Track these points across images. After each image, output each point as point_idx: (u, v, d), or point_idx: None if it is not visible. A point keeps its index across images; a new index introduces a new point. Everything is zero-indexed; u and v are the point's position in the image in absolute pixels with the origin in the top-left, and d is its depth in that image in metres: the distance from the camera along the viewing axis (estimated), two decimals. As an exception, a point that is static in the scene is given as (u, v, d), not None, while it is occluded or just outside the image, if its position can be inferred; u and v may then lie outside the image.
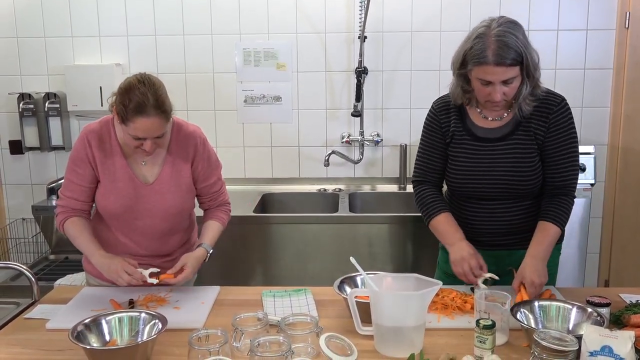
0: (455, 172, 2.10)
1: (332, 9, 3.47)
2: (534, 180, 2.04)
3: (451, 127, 2.10)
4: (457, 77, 2.02)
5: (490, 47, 1.85)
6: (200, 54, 3.55)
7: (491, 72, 1.87)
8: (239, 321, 1.61)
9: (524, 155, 2.02)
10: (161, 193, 2.08)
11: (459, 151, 2.09)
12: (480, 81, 1.92)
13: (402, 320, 1.57)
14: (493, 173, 2.04)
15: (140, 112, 1.87)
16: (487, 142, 2.05)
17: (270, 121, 3.61)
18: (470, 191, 2.09)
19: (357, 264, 1.73)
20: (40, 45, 3.57)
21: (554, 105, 2.02)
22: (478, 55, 1.87)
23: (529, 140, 2.03)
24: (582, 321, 1.67)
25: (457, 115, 2.10)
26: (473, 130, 2.07)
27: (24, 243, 3.65)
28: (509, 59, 1.85)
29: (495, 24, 1.89)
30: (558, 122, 2.02)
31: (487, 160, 2.04)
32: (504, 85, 1.90)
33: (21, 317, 1.90)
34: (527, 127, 2.02)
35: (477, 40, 1.89)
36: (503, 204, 2.08)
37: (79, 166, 2.06)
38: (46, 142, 3.58)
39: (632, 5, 3.36)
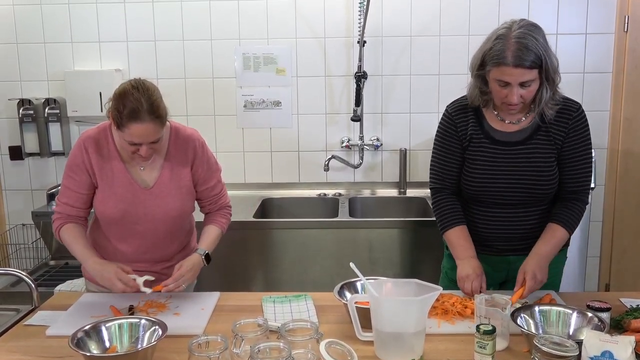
0: (473, 176, 2.07)
1: (331, 13, 3.48)
2: (551, 185, 2.04)
3: (469, 130, 2.08)
4: (475, 78, 2.01)
5: (510, 49, 1.85)
6: (200, 59, 3.56)
7: (509, 73, 1.87)
8: (239, 327, 1.61)
9: (543, 159, 2.01)
10: (161, 197, 2.08)
11: (477, 155, 2.06)
12: (498, 82, 1.91)
13: (403, 326, 1.57)
14: (512, 177, 2.03)
15: (135, 117, 1.87)
16: (506, 145, 2.04)
17: (270, 126, 3.62)
18: (486, 196, 2.07)
19: (356, 269, 1.73)
20: (40, 51, 3.58)
21: (573, 111, 2.03)
22: (497, 55, 1.87)
23: (548, 145, 2.02)
24: (583, 326, 1.67)
25: (474, 118, 2.08)
26: (491, 134, 2.06)
27: (24, 249, 3.65)
28: (527, 61, 1.85)
29: (516, 26, 1.89)
30: (577, 127, 2.03)
31: (505, 164, 2.03)
32: (522, 88, 1.90)
33: (21, 324, 1.90)
34: (547, 132, 2.02)
35: (497, 41, 1.88)
36: (518, 209, 2.06)
37: (76, 173, 2.06)
38: (46, 148, 3.59)
39: (631, 9, 3.37)
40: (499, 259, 2.12)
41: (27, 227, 3.65)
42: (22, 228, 3.69)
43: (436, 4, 3.45)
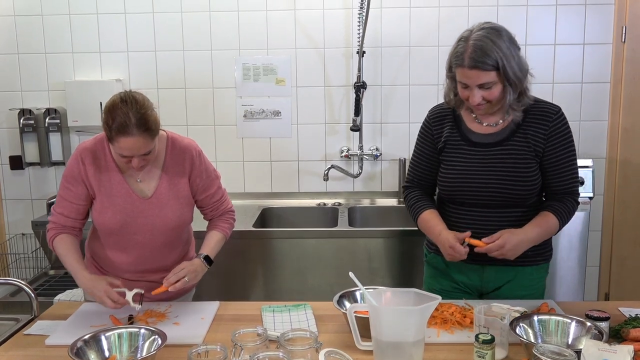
0: (449, 176, 2.09)
1: (330, 24, 3.50)
2: (528, 188, 2.04)
3: (444, 134, 2.11)
4: (449, 79, 2.07)
5: (467, 51, 1.90)
6: (200, 69, 3.58)
7: (467, 75, 1.92)
8: (239, 337, 1.61)
9: (519, 161, 2.02)
10: (159, 207, 2.09)
11: (453, 156, 2.09)
12: (460, 84, 1.97)
13: (402, 336, 1.57)
14: (487, 178, 2.03)
15: (123, 132, 1.87)
16: (482, 147, 2.05)
17: (269, 136, 3.63)
18: (463, 196, 2.08)
19: (355, 279, 1.73)
20: (40, 61, 3.60)
21: (553, 114, 2.04)
22: (457, 57, 1.93)
23: (525, 146, 2.03)
24: (582, 335, 1.67)
25: (452, 121, 2.11)
26: (468, 136, 2.08)
27: (23, 258, 3.65)
28: (483, 63, 1.88)
29: (477, 28, 1.94)
30: (557, 131, 2.03)
31: (481, 164, 2.04)
32: (483, 90, 1.93)
33: (20, 333, 1.90)
34: (525, 134, 2.03)
35: (459, 43, 1.95)
36: (495, 211, 2.06)
37: (72, 184, 2.06)
38: (46, 158, 3.60)
39: (629, 20, 3.39)
40: (475, 267, 2.11)
41: (27, 236, 3.66)
42: (21, 237, 3.69)
43: (435, 15, 3.47)
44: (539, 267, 2.14)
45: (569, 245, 3.13)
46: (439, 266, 2.20)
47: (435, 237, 2.08)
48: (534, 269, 2.13)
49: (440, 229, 2.06)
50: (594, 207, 3.39)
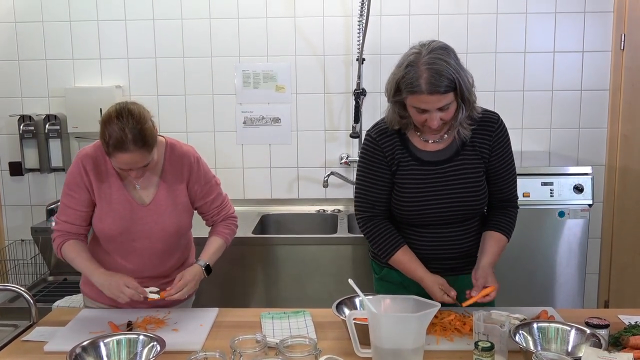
0: (404, 199, 2.03)
1: (330, 31, 3.51)
2: (482, 199, 2.04)
3: (396, 153, 2.03)
4: (393, 104, 1.97)
5: (423, 76, 1.81)
6: (200, 76, 3.58)
7: (425, 101, 1.84)
8: (238, 343, 1.61)
9: (472, 174, 2.01)
10: (158, 214, 2.09)
11: (406, 178, 2.02)
12: (416, 109, 1.88)
13: (401, 343, 1.56)
14: (444, 196, 2.01)
15: (120, 148, 1.87)
16: (434, 165, 2.02)
17: (269, 142, 3.63)
18: (420, 217, 2.04)
19: (355, 285, 1.73)
20: (41, 67, 3.60)
21: (494, 123, 2.03)
22: (411, 84, 1.83)
23: (475, 158, 2.02)
24: (581, 343, 1.67)
25: (399, 141, 2.03)
26: (418, 155, 2.02)
27: (22, 264, 3.64)
28: (442, 87, 1.81)
29: (425, 51, 1.85)
30: (500, 139, 2.04)
31: (436, 183, 2.01)
32: (440, 112, 1.87)
33: (19, 340, 1.89)
34: (472, 146, 2.02)
35: (408, 68, 1.84)
36: (450, 228, 2.05)
37: (75, 191, 2.06)
38: (46, 164, 3.60)
39: (628, 27, 3.40)
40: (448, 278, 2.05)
41: (26, 242, 3.65)
42: (21, 244, 3.69)
43: (434, 22, 3.48)
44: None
45: (568, 253, 3.13)
46: (394, 280, 2.14)
47: (420, 279, 2.02)
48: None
49: (421, 275, 2.01)
50: (593, 215, 3.38)
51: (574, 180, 3.12)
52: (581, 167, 3.20)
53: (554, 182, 3.09)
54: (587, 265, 3.34)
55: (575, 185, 3.11)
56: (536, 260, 3.10)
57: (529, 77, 3.53)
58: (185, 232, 2.21)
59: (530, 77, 3.53)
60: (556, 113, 3.55)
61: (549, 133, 3.57)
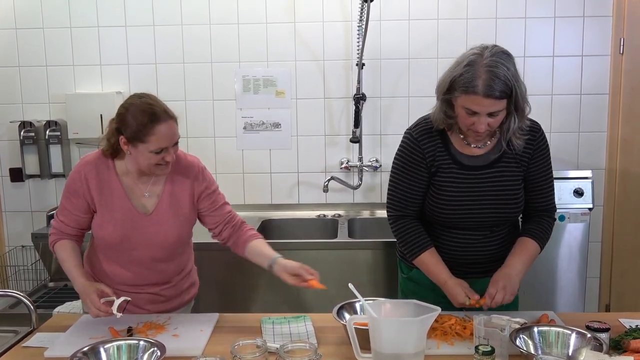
0: (442, 202, 2.03)
1: (330, 36, 3.52)
2: (518, 207, 2.04)
3: (436, 156, 2.02)
4: (442, 102, 1.95)
5: (481, 77, 1.79)
6: (200, 81, 3.59)
7: (479, 103, 1.82)
8: (238, 348, 1.61)
9: (511, 181, 2.01)
10: (159, 224, 2.08)
11: (446, 181, 2.02)
12: (466, 110, 1.86)
13: (402, 347, 1.56)
14: (481, 201, 2.01)
15: (157, 120, 1.91)
16: (474, 170, 2.01)
17: (269, 147, 3.63)
18: (455, 220, 2.04)
19: (355, 290, 1.73)
20: (41, 73, 3.61)
21: (536, 132, 2.04)
22: (467, 83, 1.81)
23: (515, 167, 2.02)
24: (582, 346, 1.66)
25: (441, 142, 2.02)
26: (459, 158, 2.02)
27: (23, 270, 3.64)
28: (498, 91, 1.79)
29: (487, 53, 1.82)
30: (541, 148, 2.04)
31: (474, 188, 2.01)
32: (489, 117, 1.85)
33: (19, 346, 1.89)
34: (514, 153, 2.02)
35: (467, 67, 1.82)
36: (485, 232, 2.06)
37: (73, 196, 2.08)
38: (46, 170, 3.60)
39: (627, 31, 3.41)
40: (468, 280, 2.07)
41: (27, 248, 3.65)
42: (21, 250, 3.69)
43: (434, 27, 3.49)
44: None
45: (569, 257, 3.13)
46: (421, 280, 2.14)
47: (440, 284, 2.04)
48: None
49: (446, 278, 2.02)
50: (593, 218, 3.39)
51: (574, 184, 3.13)
52: (581, 171, 3.21)
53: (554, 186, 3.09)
54: (588, 269, 3.34)
55: (575, 189, 3.12)
56: (537, 264, 3.07)
57: (529, 81, 3.45)
58: (185, 242, 2.21)
59: (529, 81, 3.47)
60: (556, 117, 3.55)
61: (548, 137, 3.47)
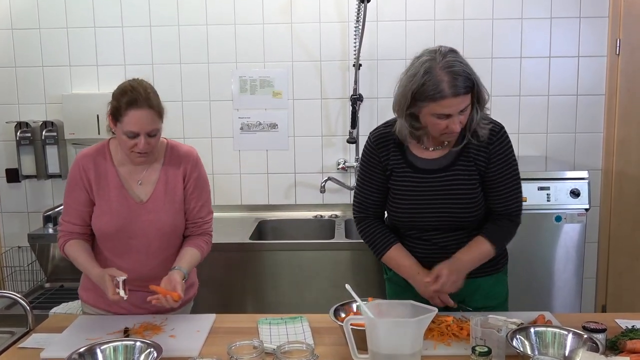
0: (397, 205, 2.06)
1: (327, 37, 3.52)
2: (476, 210, 2.03)
3: (391, 160, 2.05)
4: (406, 117, 1.95)
5: (444, 80, 1.81)
6: (197, 82, 3.59)
7: (449, 105, 1.83)
8: (235, 349, 1.61)
9: (465, 185, 2.00)
10: (155, 212, 2.11)
11: (400, 184, 2.04)
12: (437, 116, 1.87)
13: (399, 348, 1.56)
14: (435, 205, 2.01)
15: (133, 104, 1.97)
16: (428, 173, 2.02)
17: (266, 148, 3.63)
18: (412, 223, 2.06)
19: (352, 291, 1.73)
20: (38, 74, 3.61)
21: (494, 135, 2.01)
22: (433, 90, 1.82)
23: (470, 169, 2.01)
24: (578, 347, 1.67)
25: (396, 147, 2.05)
26: (413, 162, 2.03)
27: (19, 271, 3.64)
28: (463, 88, 1.82)
29: (439, 56, 1.85)
30: (498, 151, 2.01)
31: (428, 192, 2.02)
32: (460, 114, 1.87)
33: (15, 347, 1.89)
34: (468, 157, 2.01)
35: (426, 76, 1.83)
36: (445, 235, 2.06)
37: (75, 190, 2.10)
38: (43, 170, 3.59)
39: (623, 32, 3.42)
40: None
41: (23, 249, 3.65)
42: (17, 250, 3.68)
43: (430, 28, 3.49)
44: (498, 276, 2.16)
45: (565, 257, 3.13)
46: (401, 283, 2.15)
47: (409, 277, 2.05)
48: (493, 278, 2.14)
49: (413, 273, 2.03)
50: (590, 219, 3.39)
51: (571, 185, 3.13)
52: (578, 171, 3.21)
53: (551, 186, 3.10)
54: (584, 270, 3.34)
55: (571, 190, 3.12)
56: (533, 265, 3.11)
57: (525, 82, 3.54)
58: (181, 232, 2.21)
59: (526, 82, 3.54)
60: (552, 118, 3.56)
61: (545, 138, 3.58)
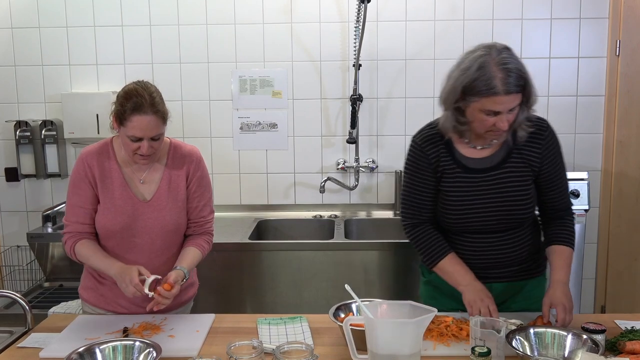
0: (449, 207, 2.03)
1: (327, 37, 3.52)
2: (530, 208, 2.02)
3: (440, 161, 2.02)
4: (452, 111, 1.94)
5: (497, 77, 1.79)
6: (197, 82, 3.59)
7: (500, 102, 1.81)
8: (234, 349, 1.61)
9: (519, 182, 1.99)
10: (158, 210, 2.11)
11: (451, 185, 2.01)
12: (486, 112, 1.84)
13: (398, 348, 1.56)
14: (489, 204, 1.99)
15: (137, 110, 1.96)
16: (479, 172, 2.00)
17: (266, 148, 3.63)
18: (464, 226, 2.03)
19: (351, 291, 1.73)
20: (37, 73, 3.60)
21: (544, 130, 2.01)
22: (486, 86, 1.80)
23: (523, 166, 2.00)
24: (578, 348, 1.67)
25: (444, 147, 2.03)
26: (463, 162, 2.01)
27: (18, 271, 3.63)
28: (515, 86, 1.80)
29: (494, 52, 1.82)
30: (551, 146, 2.01)
31: (481, 191, 1.99)
32: (509, 113, 1.85)
33: (14, 346, 1.88)
34: (520, 154, 2.00)
35: (480, 70, 1.81)
36: (497, 236, 2.03)
37: (80, 187, 2.09)
38: (42, 170, 3.59)
39: (623, 33, 3.42)
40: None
41: (22, 248, 3.64)
42: (16, 250, 3.68)
43: (430, 28, 3.49)
44: (539, 279, 2.14)
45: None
46: (441, 286, 2.11)
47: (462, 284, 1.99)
48: (535, 280, 2.13)
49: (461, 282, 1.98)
50: (589, 220, 3.39)
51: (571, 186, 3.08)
52: (577, 172, 3.21)
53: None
54: (584, 270, 3.35)
55: (571, 191, 3.11)
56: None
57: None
58: (184, 231, 2.21)
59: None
60: (552, 118, 3.48)
61: None
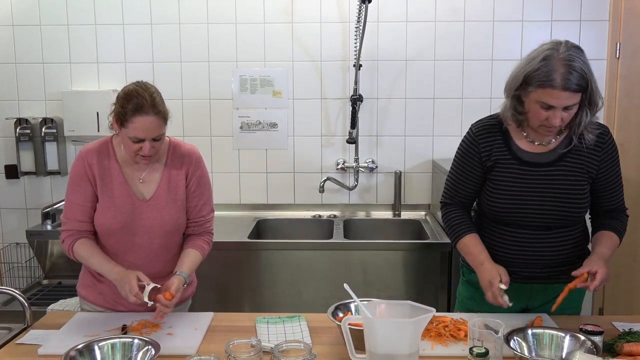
0: (499, 196, 2.02)
1: (327, 37, 3.52)
2: (580, 209, 2.01)
3: (493, 151, 2.02)
4: (512, 98, 1.95)
5: (558, 71, 1.79)
6: (197, 81, 3.59)
7: (556, 97, 1.81)
8: (232, 348, 1.61)
9: (573, 182, 1.98)
10: (157, 209, 2.10)
11: (504, 175, 2.01)
12: (541, 104, 1.85)
13: (396, 348, 1.56)
14: (540, 199, 1.98)
15: (139, 111, 1.95)
16: (534, 166, 1.99)
17: (265, 147, 3.64)
18: (511, 217, 2.02)
19: (350, 290, 1.73)
20: (38, 71, 3.61)
21: (605, 135, 2.02)
22: (544, 77, 1.81)
23: (579, 168, 1.99)
24: (576, 349, 1.67)
25: (501, 138, 2.03)
26: (519, 155, 2.01)
27: (17, 268, 3.64)
28: (575, 85, 1.80)
29: (563, 48, 1.83)
30: (610, 152, 2.02)
31: (534, 185, 1.98)
32: (564, 111, 1.85)
33: (13, 343, 1.89)
34: (579, 155, 1.99)
35: (544, 62, 1.82)
36: (543, 232, 2.02)
37: (79, 185, 2.08)
38: (42, 167, 3.59)
39: (623, 36, 3.42)
40: (519, 286, 2.04)
41: (21, 245, 3.65)
42: (15, 247, 3.68)
43: (431, 29, 3.50)
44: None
45: (563, 260, 3.13)
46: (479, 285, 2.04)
47: (476, 265, 2.02)
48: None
49: (483, 259, 2.00)
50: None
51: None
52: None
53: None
54: (582, 272, 3.34)
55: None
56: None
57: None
58: (183, 230, 2.21)
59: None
60: (552, 120, 3.55)
61: None
